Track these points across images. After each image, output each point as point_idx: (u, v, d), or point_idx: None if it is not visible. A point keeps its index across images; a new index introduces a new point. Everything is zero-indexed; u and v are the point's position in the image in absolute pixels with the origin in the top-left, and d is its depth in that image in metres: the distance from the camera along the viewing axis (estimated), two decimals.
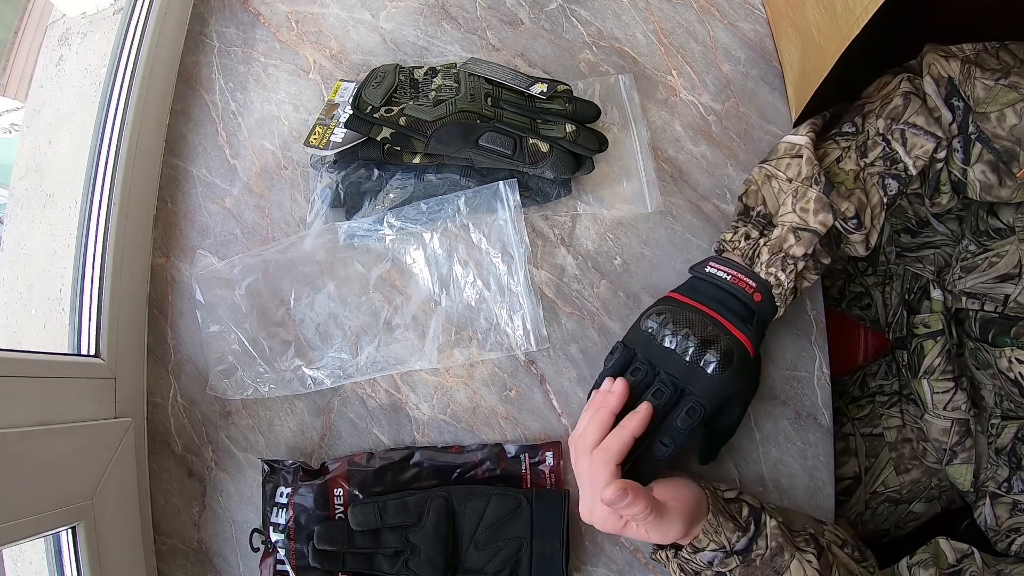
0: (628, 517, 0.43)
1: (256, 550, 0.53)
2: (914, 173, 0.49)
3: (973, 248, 0.58)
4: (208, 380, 0.57)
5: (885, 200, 0.49)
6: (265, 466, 0.54)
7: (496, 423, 0.56)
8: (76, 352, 0.54)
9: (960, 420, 0.59)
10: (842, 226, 0.48)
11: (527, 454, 0.54)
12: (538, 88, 0.55)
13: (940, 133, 0.48)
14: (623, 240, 0.58)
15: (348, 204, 0.58)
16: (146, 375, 0.58)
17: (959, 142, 0.48)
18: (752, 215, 0.52)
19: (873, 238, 0.49)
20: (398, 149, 0.56)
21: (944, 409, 0.60)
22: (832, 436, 0.55)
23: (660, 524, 0.43)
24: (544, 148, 0.52)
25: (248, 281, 0.58)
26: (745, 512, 0.46)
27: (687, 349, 0.46)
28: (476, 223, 0.58)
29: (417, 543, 0.50)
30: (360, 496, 0.52)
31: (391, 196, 0.57)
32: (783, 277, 0.47)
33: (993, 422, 0.59)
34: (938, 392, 0.60)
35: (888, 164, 0.49)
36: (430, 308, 0.57)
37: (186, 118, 0.64)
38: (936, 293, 0.62)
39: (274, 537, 0.53)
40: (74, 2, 0.69)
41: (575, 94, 0.57)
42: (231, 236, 0.61)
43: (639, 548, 0.54)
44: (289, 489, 0.53)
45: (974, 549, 0.48)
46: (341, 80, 0.62)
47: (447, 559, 0.50)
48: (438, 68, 0.59)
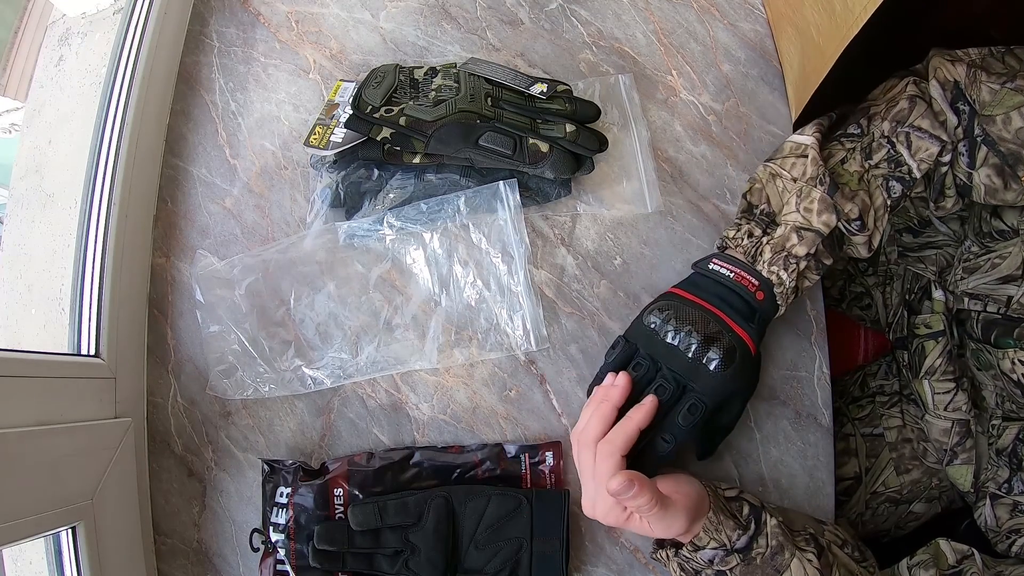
0: (633, 509, 0.43)
1: (256, 550, 0.53)
2: (918, 176, 0.49)
3: (976, 249, 0.58)
4: (208, 380, 0.57)
5: (889, 202, 0.49)
6: (265, 466, 0.54)
7: (496, 423, 0.56)
8: (76, 352, 0.54)
9: (961, 421, 0.59)
10: (845, 227, 0.48)
11: (527, 454, 0.54)
12: (538, 88, 0.55)
13: (945, 137, 0.48)
14: (623, 240, 0.58)
15: (348, 204, 0.58)
16: (146, 375, 0.58)
17: (964, 146, 0.48)
18: (755, 213, 0.52)
19: (876, 240, 0.50)
20: (398, 149, 0.56)
21: (945, 410, 0.60)
22: (832, 436, 0.55)
23: (664, 517, 0.43)
24: (544, 148, 0.52)
25: (248, 281, 0.58)
26: (746, 511, 0.46)
27: (690, 346, 0.46)
28: (476, 223, 0.58)
29: (417, 543, 0.50)
30: (360, 496, 0.52)
31: (391, 196, 0.57)
32: (785, 276, 0.48)
33: (994, 423, 0.59)
34: (939, 393, 0.60)
35: (892, 167, 0.49)
36: (430, 308, 0.57)
37: (186, 118, 0.64)
38: (938, 294, 0.62)
39: (274, 537, 0.53)
40: (74, 2, 0.69)
41: (575, 94, 0.57)
42: (231, 236, 0.61)
43: (639, 548, 0.54)
44: (289, 489, 0.53)
45: (974, 550, 0.48)
46: (341, 80, 0.62)
47: (447, 559, 0.50)
48: (438, 68, 0.59)
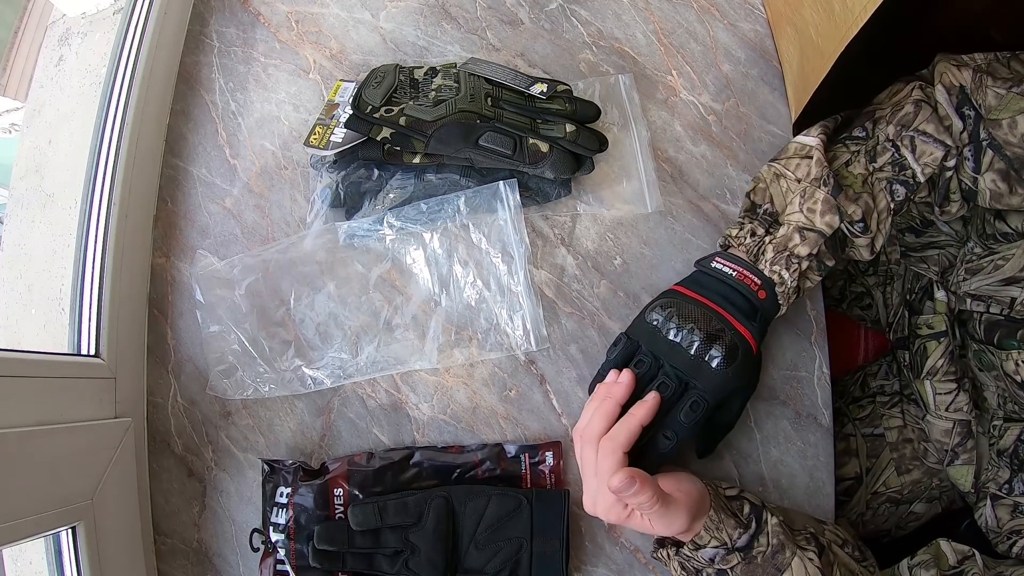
0: (634, 506, 0.43)
1: (256, 550, 0.53)
2: (922, 180, 0.49)
3: (979, 250, 0.58)
4: (208, 380, 0.57)
5: (892, 206, 0.49)
6: (265, 466, 0.54)
7: (496, 423, 0.56)
8: (76, 352, 0.54)
9: (962, 421, 0.59)
10: (848, 229, 0.49)
11: (527, 454, 0.54)
12: (538, 88, 0.55)
13: (949, 142, 0.48)
14: (623, 240, 0.58)
15: (348, 204, 0.58)
16: (146, 375, 0.58)
17: (970, 151, 0.48)
18: (759, 212, 0.52)
19: (878, 243, 0.50)
20: (398, 149, 0.56)
21: (946, 410, 0.60)
22: (832, 436, 0.55)
23: (665, 515, 0.43)
24: (544, 148, 0.52)
25: (248, 281, 0.58)
26: (746, 509, 0.46)
27: (692, 343, 0.46)
28: (476, 223, 0.58)
29: (417, 543, 0.50)
30: (360, 496, 0.52)
31: (391, 196, 0.57)
32: (787, 276, 0.48)
33: (995, 423, 0.59)
34: (940, 393, 0.60)
35: (896, 170, 0.49)
36: (430, 308, 0.57)
37: (186, 118, 0.64)
38: (940, 294, 0.62)
39: (274, 537, 0.53)
40: (74, 2, 0.69)
41: (575, 94, 0.57)
42: (231, 236, 0.61)
43: (639, 548, 0.54)
44: (289, 489, 0.53)
45: (975, 551, 0.48)
46: (341, 80, 0.62)
47: (447, 559, 0.50)
48: (438, 68, 0.59)
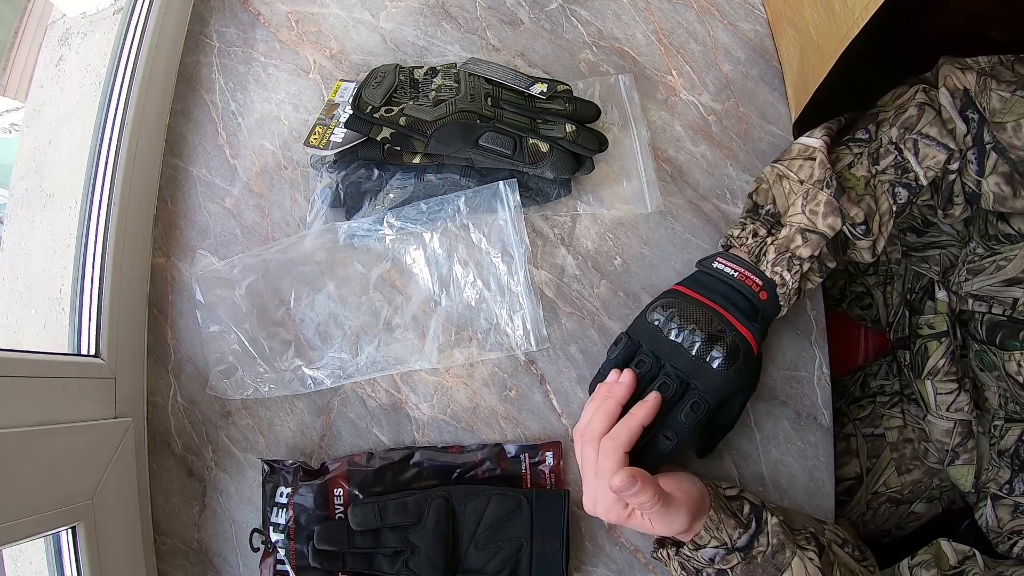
0: (635, 506, 0.43)
1: (256, 550, 0.53)
2: (925, 183, 0.49)
3: (980, 251, 0.58)
4: (208, 380, 0.57)
5: (894, 208, 0.49)
6: (265, 466, 0.54)
7: (496, 423, 0.56)
8: (76, 352, 0.54)
9: (963, 421, 0.59)
10: (850, 231, 0.49)
11: (527, 454, 0.54)
12: (538, 88, 0.55)
13: (953, 145, 0.48)
14: (623, 240, 0.58)
15: (348, 204, 0.58)
16: (146, 375, 0.58)
17: (974, 154, 0.48)
18: (761, 213, 0.52)
19: (880, 245, 0.50)
20: (398, 149, 0.56)
21: (947, 410, 0.60)
22: (832, 436, 0.55)
23: (666, 515, 0.43)
24: (544, 148, 0.52)
25: (248, 281, 0.58)
26: (746, 509, 0.46)
27: (693, 344, 0.46)
28: (476, 223, 0.58)
29: (417, 543, 0.50)
30: (360, 496, 0.52)
31: (391, 196, 0.57)
32: (788, 277, 0.48)
33: (996, 423, 0.59)
34: (941, 393, 0.60)
35: (899, 173, 0.49)
36: (430, 308, 0.57)
37: (186, 118, 0.64)
38: (941, 294, 0.62)
39: (274, 537, 0.53)
40: (74, 2, 0.69)
41: (575, 94, 0.57)
42: (231, 236, 0.61)
43: (639, 548, 0.54)
44: (289, 489, 0.53)
45: (976, 551, 0.48)
46: (341, 80, 0.62)
47: (447, 559, 0.50)
48: (438, 68, 0.59)
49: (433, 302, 0.57)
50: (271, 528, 0.53)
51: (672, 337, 0.47)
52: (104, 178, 0.57)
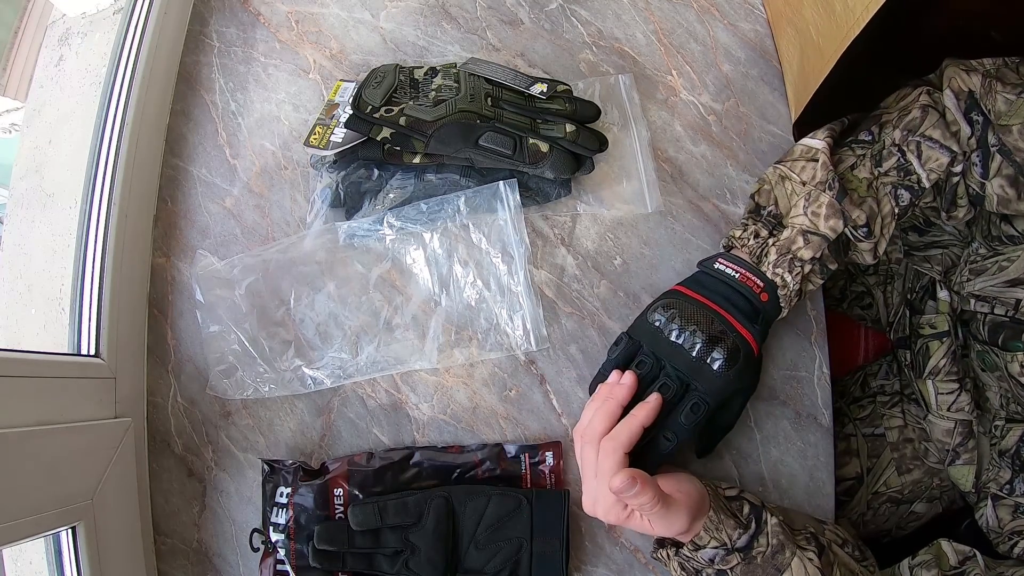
0: (635, 507, 0.43)
1: (256, 550, 0.53)
2: (927, 186, 0.49)
3: (983, 251, 0.58)
4: (208, 380, 0.57)
5: (896, 210, 0.49)
6: (265, 466, 0.54)
7: (496, 423, 0.56)
8: (76, 352, 0.54)
9: (963, 421, 0.59)
10: (852, 233, 0.49)
11: (527, 454, 0.54)
12: (538, 88, 0.55)
13: (956, 148, 0.48)
14: (623, 240, 0.58)
15: (348, 204, 0.58)
16: (146, 375, 0.58)
17: (978, 156, 0.48)
18: (763, 214, 0.52)
19: (882, 247, 0.50)
20: (398, 149, 0.56)
21: (948, 410, 0.60)
22: (832, 436, 0.55)
23: (666, 516, 0.43)
24: (544, 148, 0.52)
25: (248, 281, 0.58)
26: (746, 510, 0.46)
27: (694, 345, 0.46)
28: (476, 223, 0.58)
29: (417, 543, 0.50)
30: (360, 496, 0.52)
31: (391, 196, 0.57)
32: (789, 279, 0.48)
33: (997, 424, 0.59)
34: (942, 393, 0.60)
35: (902, 175, 0.49)
36: (430, 308, 0.57)
37: (186, 118, 0.64)
38: (943, 294, 0.61)
39: (274, 537, 0.53)
40: (74, 2, 0.69)
41: (575, 94, 0.57)
42: (231, 236, 0.61)
43: (639, 548, 0.54)
44: (289, 489, 0.53)
45: (976, 552, 0.48)
46: (341, 80, 0.62)
47: (447, 559, 0.50)
48: (438, 68, 0.59)
49: (433, 302, 0.57)
50: (271, 528, 0.53)
51: (673, 338, 0.47)
52: (104, 178, 0.57)
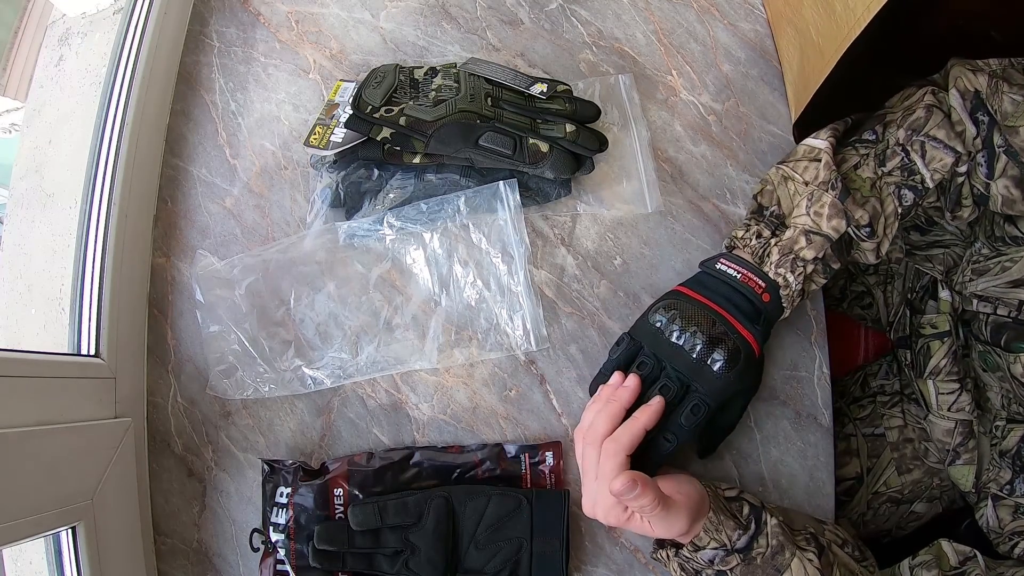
0: (635, 509, 0.43)
1: (256, 550, 0.53)
2: (931, 186, 0.49)
3: (986, 251, 0.58)
4: (208, 380, 0.57)
5: (900, 210, 0.49)
6: (265, 466, 0.54)
7: (496, 423, 0.56)
8: (76, 352, 0.54)
9: (964, 421, 0.59)
10: (855, 233, 0.48)
11: (527, 454, 0.54)
12: (538, 88, 0.55)
13: (960, 148, 0.48)
14: (623, 240, 0.58)
15: (348, 204, 0.58)
16: (146, 375, 0.58)
17: (983, 156, 0.48)
18: (765, 214, 0.52)
19: (884, 247, 0.49)
20: (398, 149, 0.56)
21: (948, 410, 0.60)
22: (832, 436, 0.55)
23: (666, 518, 0.43)
24: (544, 148, 0.52)
25: (248, 281, 0.58)
26: (746, 510, 0.46)
27: (695, 346, 0.46)
28: (476, 223, 0.58)
29: (417, 543, 0.50)
30: (360, 496, 0.52)
31: (391, 196, 0.57)
32: (791, 279, 0.48)
33: (998, 424, 0.59)
34: (943, 393, 0.60)
35: (905, 175, 0.49)
36: (430, 308, 0.57)
37: (186, 118, 0.64)
38: (944, 294, 0.61)
39: (274, 537, 0.53)
40: (74, 2, 0.69)
41: (575, 94, 0.57)
42: (231, 236, 0.61)
43: (639, 548, 0.54)
44: (289, 489, 0.53)
45: (977, 552, 0.48)
46: (341, 80, 0.62)
47: (447, 559, 0.50)
48: (438, 68, 0.59)
49: (433, 302, 0.57)
50: (271, 528, 0.53)
51: (673, 339, 0.47)
52: (104, 178, 0.57)
